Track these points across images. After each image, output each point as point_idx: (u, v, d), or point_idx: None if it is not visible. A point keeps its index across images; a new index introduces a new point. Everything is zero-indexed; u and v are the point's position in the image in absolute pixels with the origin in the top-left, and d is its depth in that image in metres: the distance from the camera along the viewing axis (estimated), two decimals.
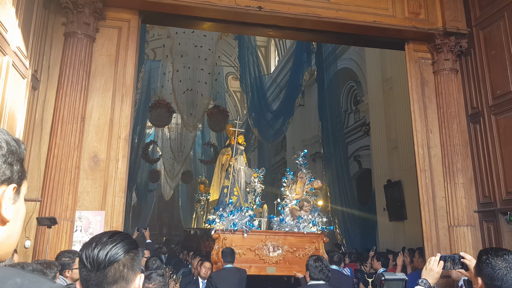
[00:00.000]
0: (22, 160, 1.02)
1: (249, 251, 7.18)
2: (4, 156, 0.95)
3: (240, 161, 9.46)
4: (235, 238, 7.25)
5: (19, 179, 0.99)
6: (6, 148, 0.95)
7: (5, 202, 0.95)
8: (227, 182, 9.17)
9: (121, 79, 5.79)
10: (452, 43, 6.69)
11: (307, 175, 8.24)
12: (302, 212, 7.69)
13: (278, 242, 7.31)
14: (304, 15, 6.34)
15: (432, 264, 2.53)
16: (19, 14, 4.74)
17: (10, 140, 0.98)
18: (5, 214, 0.95)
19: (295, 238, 7.46)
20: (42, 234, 4.92)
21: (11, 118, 4.64)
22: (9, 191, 0.95)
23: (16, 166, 0.98)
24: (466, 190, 6.34)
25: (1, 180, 0.94)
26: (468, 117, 6.73)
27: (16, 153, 0.98)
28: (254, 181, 9.16)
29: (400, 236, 11.58)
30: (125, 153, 5.60)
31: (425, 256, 6.19)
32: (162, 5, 6.00)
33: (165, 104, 15.04)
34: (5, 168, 0.95)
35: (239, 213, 7.47)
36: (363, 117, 14.83)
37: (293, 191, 8.13)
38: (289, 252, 7.32)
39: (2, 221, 0.96)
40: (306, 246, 7.42)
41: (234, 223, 7.29)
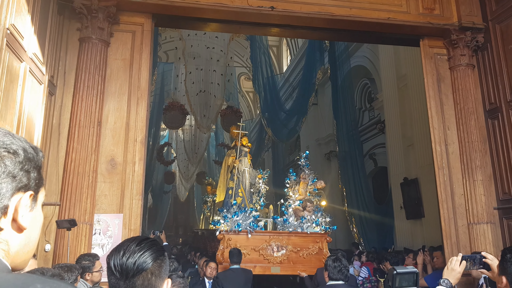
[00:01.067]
0: (40, 167, 1.02)
1: (254, 251, 7.25)
2: (21, 163, 0.95)
3: (244, 162, 9.54)
4: (240, 238, 7.31)
5: (36, 186, 0.99)
6: (23, 155, 0.95)
7: (22, 209, 0.95)
8: (232, 183, 9.28)
9: (136, 82, 5.83)
10: (468, 38, 6.60)
11: (309, 175, 8.30)
12: (305, 213, 7.74)
13: (282, 242, 7.37)
14: (317, 13, 6.30)
15: (453, 264, 2.49)
16: (35, 21, 4.80)
17: (28, 147, 0.98)
18: (22, 222, 0.95)
19: (299, 238, 7.51)
20: (62, 238, 4.97)
21: (29, 123, 4.70)
22: (25, 198, 0.95)
23: (33, 173, 0.98)
24: (485, 187, 6.25)
25: (18, 187, 0.94)
26: (486, 113, 6.63)
27: (33, 160, 0.98)
28: (259, 182, 9.23)
29: (418, 234, 11.47)
30: (142, 156, 5.63)
31: (445, 254, 6.11)
32: (174, 8, 6.02)
33: (178, 106, 15.13)
34: (21, 175, 0.95)
35: (243, 214, 7.52)
36: (378, 115, 14.71)
37: (296, 192, 8.19)
38: (293, 252, 7.37)
39: (19, 229, 0.95)
40: (310, 246, 7.46)
41: (238, 224, 7.36)
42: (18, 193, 0.94)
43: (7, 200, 0.92)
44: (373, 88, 15.22)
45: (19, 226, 0.95)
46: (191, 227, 25.91)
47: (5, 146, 0.93)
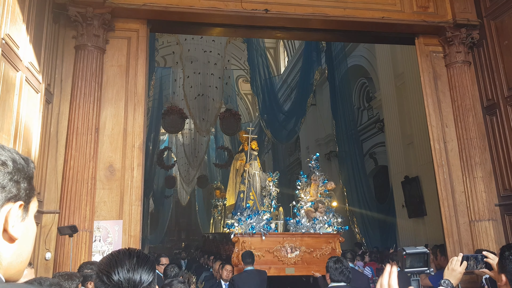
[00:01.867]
0: (31, 177, 1.02)
1: (268, 253, 7.32)
2: (10, 173, 0.95)
3: (254, 166, 9.62)
4: (254, 241, 7.39)
5: (26, 197, 0.99)
6: (12, 166, 0.96)
7: (12, 219, 0.95)
8: (243, 187, 9.33)
9: (132, 88, 5.84)
10: (463, 35, 6.61)
11: (320, 177, 8.39)
12: (317, 214, 7.83)
13: (295, 244, 7.44)
14: (311, 15, 6.32)
15: (454, 264, 2.48)
16: (30, 30, 4.81)
17: (18, 158, 0.98)
18: (13, 232, 0.95)
19: (312, 239, 7.59)
20: (62, 246, 4.97)
21: (27, 132, 4.70)
22: (15, 208, 0.96)
23: (23, 184, 0.98)
24: (486, 183, 6.24)
25: (8, 197, 0.94)
26: (484, 109, 6.63)
27: (23, 170, 0.98)
28: (269, 185, 9.33)
29: (420, 232, 11.44)
30: (140, 162, 5.64)
31: (447, 253, 6.10)
32: (169, 13, 6.04)
33: (177, 110, 15.10)
34: (11, 185, 0.95)
35: (256, 216, 7.61)
36: (377, 114, 14.70)
37: (308, 194, 8.28)
38: (307, 252, 7.44)
39: (11, 239, 0.96)
40: (323, 246, 7.54)
41: (252, 226, 7.45)
42: (8, 204, 0.94)
43: None
44: (371, 87, 15.21)
45: (11, 236, 0.95)
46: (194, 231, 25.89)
47: None
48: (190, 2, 6.03)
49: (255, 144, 9.93)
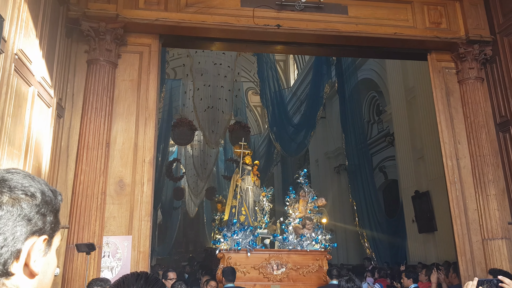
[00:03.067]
0: (57, 211, 1.00)
1: (253, 270, 7.21)
2: (38, 206, 0.93)
3: (247, 181, 9.52)
4: (239, 257, 7.30)
5: (51, 231, 0.97)
6: (41, 198, 0.94)
7: (35, 254, 0.92)
8: (235, 201, 9.27)
9: (143, 103, 5.84)
10: (476, 51, 6.56)
11: (309, 193, 8.26)
12: (305, 230, 7.71)
13: (281, 260, 7.33)
14: (323, 30, 6.31)
15: None
16: (43, 45, 4.84)
17: (47, 190, 0.97)
18: (34, 267, 0.92)
19: (299, 256, 7.47)
20: (71, 262, 4.94)
21: (38, 147, 4.71)
22: (39, 243, 0.93)
23: (49, 217, 0.96)
24: (499, 201, 6.14)
25: (33, 231, 0.92)
26: (497, 126, 6.55)
27: (50, 203, 0.96)
28: (263, 200, 9.22)
29: (431, 248, 11.30)
30: (150, 177, 5.62)
31: (460, 272, 6.00)
32: (181, 28, 6.07)
33: (187, 122, 15.15)
34: (37, 218, 0.93)
35: (242, 232, 7.53)
36: (387, 127, 14.63)
37: (296, 210, 8.16)
38: (293, 270, 7.32)
39: (31, 274, 0.93)
40: (310, 263, 7.40)
41: (237, 242, 7.37)
42: (32, 237, 0.92)
43: (21, 244, 0.90)
44: (381, 101, 15.16)
45: (31, 271, 0.93)
46: (201, 243, 25.79)
47: (23, 189, 0.92)
48: (202, 17, 6.06)
49: (248, 159, 9.80)
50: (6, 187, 0.92)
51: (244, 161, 9.62)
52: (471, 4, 6.73)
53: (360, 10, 6.52)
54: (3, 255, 0.88)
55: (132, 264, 5.25)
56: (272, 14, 6.23)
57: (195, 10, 6.08)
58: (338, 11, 6.43)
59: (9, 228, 0.89)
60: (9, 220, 0.90)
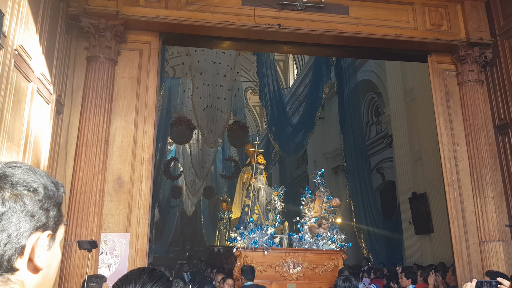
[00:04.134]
0: (60, 204, 0.99)
1: (270, 268, 7.24)
2: (41, 201, 0.92)
3: (260, 180, 9.57)
4: (256, 255, 7.34)
5: (55, 225, 0.96)
6: (43, 193, 0.93)
7: (39, 249, 0.92)
8: (248, 200, 9.29)
9: (143, 100, 5.83)
10: (476, 53, 6.57)
11: (325, 193, 8.34)
12: (320, 230, 7.76)
13: (298, 259, 7.36)
14: (324, 30, 6.31)
15: None
16: (43, 41, 4.82)
17: (49, 184, 0.95)
18: (38, 263, 0.92)
19: (315, 255, 7.51)
20: (68, 258, 4.93)
21: (37, 143, 4.69)
22: (43, 238, 0.93)
23: (52, 212, 0.95)
24: (497, 204, 6.16)
25: (36, 226, 0.91)
26: (496, 129, 6.56)
27: (53, 197, 0.95)
28: (275, 199, 9.30)
29: (427, 249, 11.33)
30: (149, 175, 5.61)
31: (456, 274, 6.01)
32: (182, 26, 6.06)
33: (185, 121, 15.13)
34: (40, 214, 0.92)
35: (259, 231, 7.56)
36: (385, 129, 14.65)
37: (312, 209, 8.22)
38: (309, 268, 7.36)
39: (35, 269, 0.93)
40: (325, 263, 7.45)
41: (254, 240, 7.39)
42: (36, 233, 0.91)
43: (25, 239, 0.90)
44: (380, 102, 15.18)
45: (36, 266, 0.92)
46: (198, 241, 25.78)
47: (25, 184, 0.91)
48: (203, 15, 6.05)
49: (261, 158, 9.85)
50: (8, 183, 0.91)
51: (257, 161, 9.65)
52: (472, 6, 6.74)
53: (361, 10, 6.52)
54: (7, 251, 0.88)
55: (130, 261, 5.24)
56: (273, 13, 6.23)
57: (196, 8, 6.07)
58: (339, 11, 6.43)
59: (13, 225, 0.89)
60: (12, 216, 0.89)
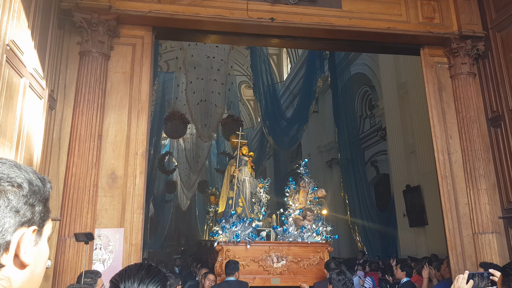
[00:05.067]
0: (47, 199, 0.99)
1: (253, 262, 7.07)
2: (25, 197, 0.92)
3: (244, 171, 9.35)
4: (238, 249, 7.14)
5: (41, 220, 0.96)
6: (28, 188, 0.93)
7: (24, 245, 0.92)
8: (232, 193, 9.11)
9: (136, 95, 5.81)
10: (468, 46, 6.59)
11: (309, 184, 8.10)
12: (305, 222, 7.55)
13: (282, 253, 7.19)
14: (316, 24, 6.30)
15: (460, 283, 2.44)
16: (35, 36, 4.78)
17: (34, 179, 0.95)
18: (24, 258, 0.92)
19: (299, 248, 7.33)
20: (62, 254, 4.92)
21: (29, 139, 4.67)
22: (28, 234, 0.93)
23: (38, 207, 0.95)
24: (490, 196, 6.20)
25: (21, 222, 0.91)
26: (489, 121, 6.60)
27: (39, 193, 0.96)
28: (260, 191, 9.08)
29: (421, 241, 11.42)
30: (143, 169, 5.60)
31: (450, 265, 6.06)
32: (175, 20, 6.03)
33: (179, 116, 15.12)
34: (25, 209, 0.92)
35: (241, 224, 7.34)
36: (379, 122, 14.71)
37: (296, 201, 8.00)
38: (294, 262, 7.19)
39: (22, 265, 0.93)
40: (311, 256, 7.27)
41: (236, 234, 7.19)
42: (21, 228, 0.92)
43: (10, 235, 0.90)
44: (373, 96, 15.22)
45: (22, 262, 0.92)
46: (193, 236, 25.82)
47: (9, 180, 0.91)
48: (196, 9, 6.02)
49: (246, 149, 9.61)
50: None
51: (241, 152, 9.41)
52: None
53: (353, 4, 6.51)
54: None
55: (124, 256, 5.24)
56: (266, 7, 6.21)
57: (189, 2, 6.05)
58: (332, 5, 6.42)
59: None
60: None
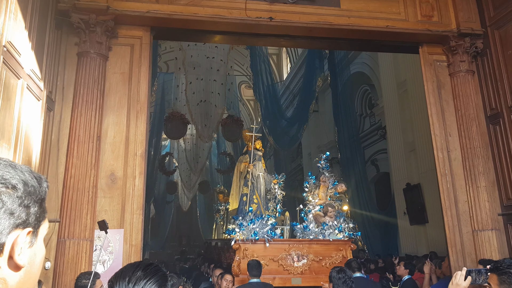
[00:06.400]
0: (43, 199, 0.98)
1: (272, 262, 6.71)
2: (20, 198, 0.91)
3: (258, 167, 8.94)
4: (257, 248, 6.78)
5: (36, 221, 0.95)
6: (23, 189, 0.92)
7: (19, 247, 0.91)
8: (246, 189, 8.64)
9: (135, 96, 5.81)
10: (467, 44, 6.58)
11: (330, 178, 7.66)
12: (326, 218, 7.16)
13: (302, 251, 6.81)
14: (315, 23, 6.30)
15: (458, 279, 2.44)
16: (32, 37, 4.79)
17: (30, 179, 0.94)
18: (19, 261, 0.91)
19: (321, 246, 6.96)
20: (62, 255, 4.93)
21: (28, 140, 4.67)
22: (23, 236, 0.92)
23: (33, 208, 0.94)
24: (489, 193, 6.19)
25: (16, 224, 0.90)
26: (487, 119, 6.60)
27: (34, 193, 0.94)
28: (275, 187, 8.72)
29: (422, 239, 11.41)
30: (142, 170, 5.60)
31: (450, 263, 6.05)
32: (173, 20, 6.03)
33: (179, 116, 15.11)
34: (20, 211, 0.91)
35: (259, 221, 6.95)
36: (379, 121, 14.69)
37: (316, 196, 7.57)
38: (315, 261, 6.81)
39: (17, 267, 0.92)
40: (333, 254, 6.90)
41: (254, 232, 6.79)
42: (16, 230, 0.91)
43: (4, 237, 0.89)
44: (373, 94, 15.21)
45: (16, 264, 0.92)
46: (195, 236, 25.79)
47: (3, 181, 0.90)
48: (194, 9, 6.02)
49: (259, 144, 9.18)
50: None
51: (255, 146, 8.98)
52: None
53: (352, 3, 6.52)
54: None
55: (124, 257, 5.24)
56: (264, 6, 6.21)
57: (187, 2, 6.05)
58: (331, 3, 6.42)
59: None
60: None
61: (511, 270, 2.01)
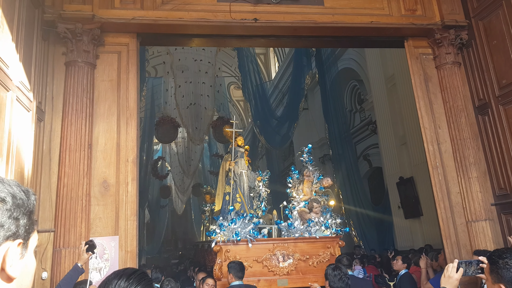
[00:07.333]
0: (31, 211, 0.99)
1: (256, 263, 6.32)
2: (9, 211, 0.93)
3: (241, 164, 8.55)
4: (239, 249, 6.38)
5: (26, 233, 0.97)
6: (12, 202, 0.94)
7: (10, 259, 0.93)
8: (229, 188, 8.27)
9: (124, 102, 5.80)
10: (452, 36, 6.63)
11: (314, 172, 7.27)
12: (312, 215, 6.77)
13: (288, 250, 6.42)
14: (300, 22, 6.32)
15: (450, 271, 2.47)
16: (19, 49, 4.77)
17: (18, 192, 0.96)
18: (11, 272, 0.93)
19: (307, 244, 6.55)
20: (59, 265, 4.91)
21: (19, 152, 4.66)
22: (13, 247, 0.93)
23: (22, 220, 0.96)
24: (481, 183, 6.24)
25: (6, 236, 0.92)
26: (476, 109, 6.65)
27: (23, 206, 0.96)
28: (259, 185, 8.29)
29: (417, 233, 11.49)
30: (134, 176, 5.59)
31: (445, 254, 6.10)
32: (158, 26, 6.03)
33: (169, 120, 15.09)
34: (10, 223, 0.93)
35: (241, 220, 6.54)
36: (369, 116, 14.77)
37: (301, 192, 7.18)
38: (301, 260, 6.43)
39: (9, 278, 0.93)
40: (320, 252, 6.51)
41: (236, 232, 6.38)
42: (6, 242, 0.92)
43: None
44: (362, 90, 15.29)
45: (8, 276, 0.93)
46: (190, 240, 25.75)
47: None
48: (179, 14, 6.02)
49: (241, 140, 8.82)
50: None
51: (237, 143, 8.65)
52: None
53: (336, 0, 6.54)
54: None
55: (120, 264, 5.23)
56: (249, 8, 6.23)
57: (172, 7, 6.05)
58: (314, 2, 6.45)
59: None
60: None
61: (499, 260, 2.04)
